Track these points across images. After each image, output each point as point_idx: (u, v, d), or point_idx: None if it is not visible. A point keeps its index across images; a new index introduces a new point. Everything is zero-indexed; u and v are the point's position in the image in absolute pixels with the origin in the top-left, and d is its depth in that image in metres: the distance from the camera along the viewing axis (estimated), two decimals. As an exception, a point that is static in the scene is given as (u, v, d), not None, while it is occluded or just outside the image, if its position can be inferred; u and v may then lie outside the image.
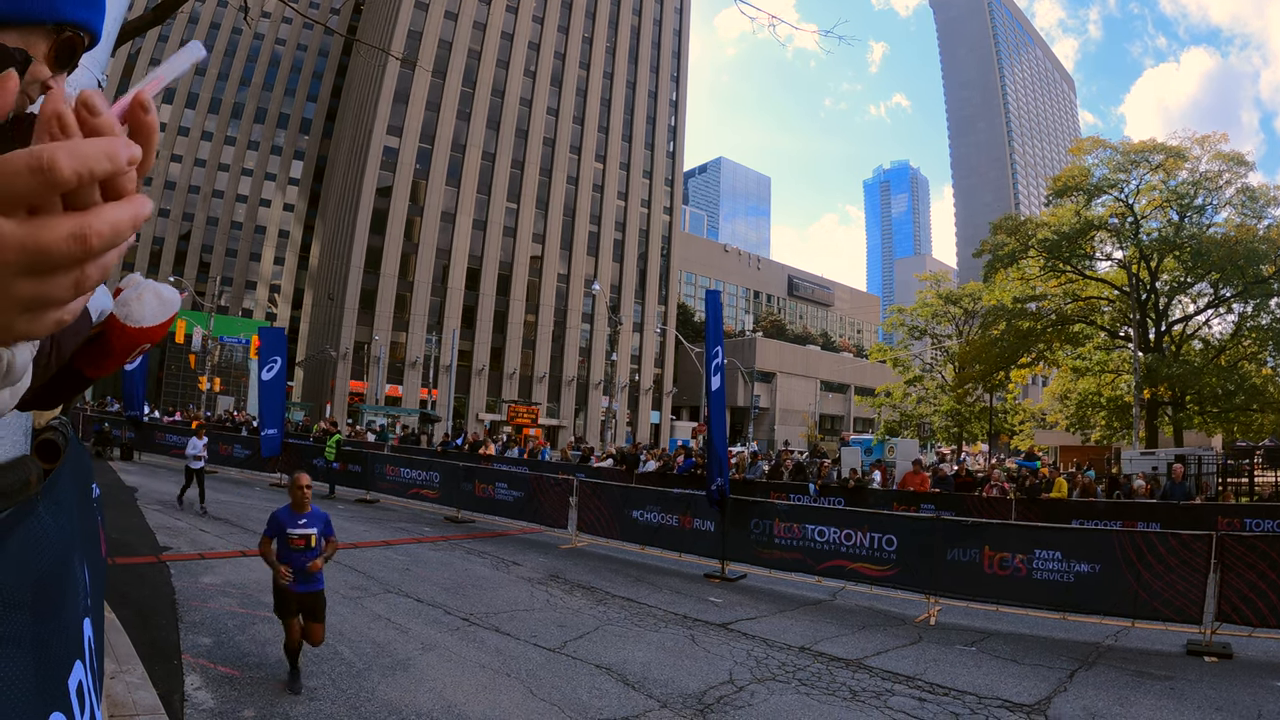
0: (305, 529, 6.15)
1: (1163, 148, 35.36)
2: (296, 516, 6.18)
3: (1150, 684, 7.54)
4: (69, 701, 1.01)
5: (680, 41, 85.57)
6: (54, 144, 0.49)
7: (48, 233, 0.48)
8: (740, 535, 12.53)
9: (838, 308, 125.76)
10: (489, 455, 26.29)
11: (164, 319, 1.15)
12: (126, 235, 0.53)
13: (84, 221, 0.49)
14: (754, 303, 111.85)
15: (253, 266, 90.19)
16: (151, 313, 1.11)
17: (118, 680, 5.50)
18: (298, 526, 6.14)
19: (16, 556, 0.91)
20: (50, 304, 0.51)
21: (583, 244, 75.08)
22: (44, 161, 0.47)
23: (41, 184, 0.47)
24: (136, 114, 0.57)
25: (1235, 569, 8.83)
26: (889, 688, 7.10)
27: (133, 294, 1.10)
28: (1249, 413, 33.37)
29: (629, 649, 7.88)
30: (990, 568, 10.17)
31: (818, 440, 70.72)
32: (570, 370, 73.16)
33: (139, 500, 15.76)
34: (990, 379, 40.77)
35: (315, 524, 6.23)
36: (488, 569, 11.65)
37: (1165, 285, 36.36)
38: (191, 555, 10.86)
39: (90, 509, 1.83)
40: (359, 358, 63.28)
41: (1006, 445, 52.90)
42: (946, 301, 52.11)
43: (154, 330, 1.15)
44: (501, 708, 6.06)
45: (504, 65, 71.80)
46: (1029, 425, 49.04)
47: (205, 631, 7.39)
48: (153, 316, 1.11)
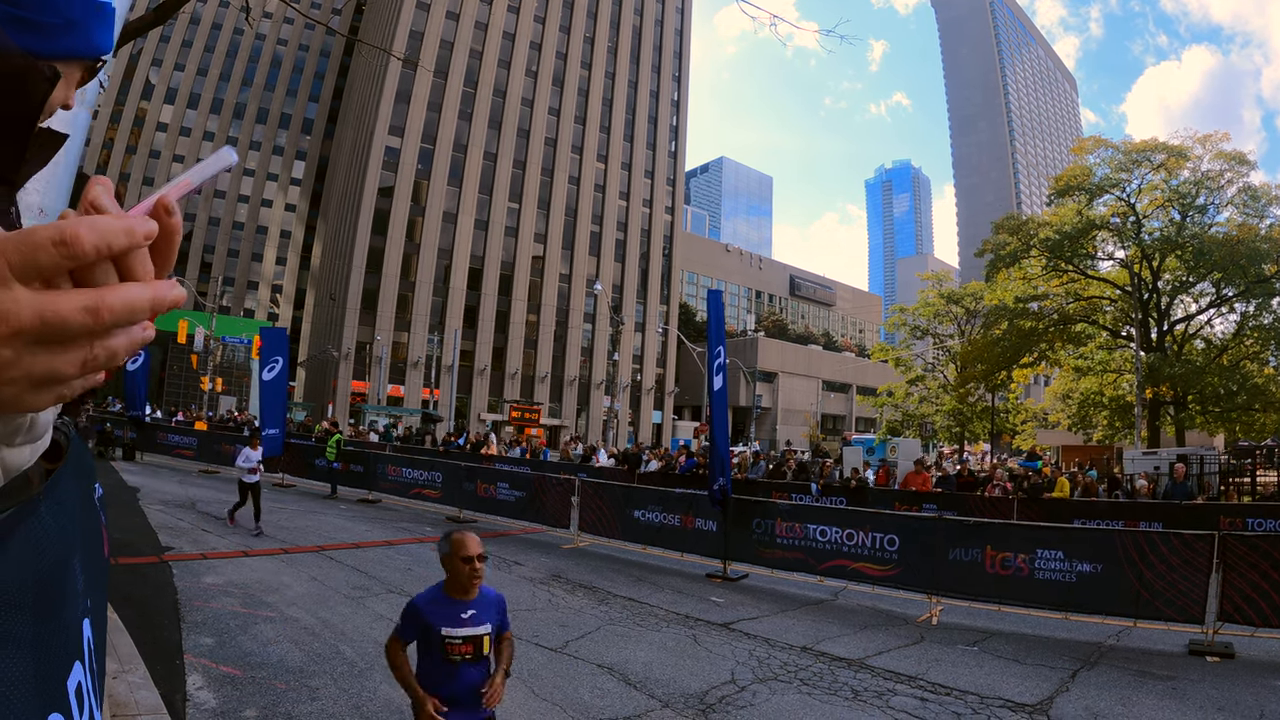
0: (473, 627, 3.63)
1: (1164, 147, 35.33)
2: (457, 606, 3.64)
3: (1152, 684, 7.53)
4: (68, 702, 1.01)
5: (681, 41, 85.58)
6: (76, 219, 0.50)
7: (63, 302, 0.49)
8: (742, 535, 12.52)
9: (840, 307, 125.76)
10: (491, 455, 26.30)
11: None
12: (142, 315, 0.53)
13: (98, 295, 0.50)
14: (756, 302, 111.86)
15: (255, 267, 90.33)
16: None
17: (120, 680, 5.51)
18: (460, 623, 3.60)
19: (17, 557, 0.91)
20: (57, 380, 0.51)
21: (584, 244, 75.08)
22: (67, 235, 0.48)
23: (64, 256, 0.48)
24: (160, 216, 0.58)
25: (1237, 569, 8.82)
26: (891, 688, 7.10)
27: None
28: (1251, 412, 33.34)
29: (631, 649, 7.88)
30: (992, 567, 10.16)
31: (820, 440, 70.73)
32: (572, 370, 73.16)
33: (141, 500, 15.78)
34: (992, 379, 40.77)
35: (487, 615, 3.71)
36: (489, 569, 11.63)
37: (1167, 285, 36.34)
38: (194, 555, 10.86)
39: (93, 509, 1.83)
40: (361, 358, 63.31)
41: (1008, 445, 52.87)
42: (948, 301, 52.06)
43: None
44: (503, 707, 6.05)
45: (506, 65, 71.82)
46: (1031, 425, 49.01)
47: (207, 631, 7.39)
48: None
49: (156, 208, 0.58)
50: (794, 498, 18.73)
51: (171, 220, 0.58)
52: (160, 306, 0.55)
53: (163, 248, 0.58)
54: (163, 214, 0.58)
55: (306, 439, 27.93)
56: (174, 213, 0.59)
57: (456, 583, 3.66)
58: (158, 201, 0.58)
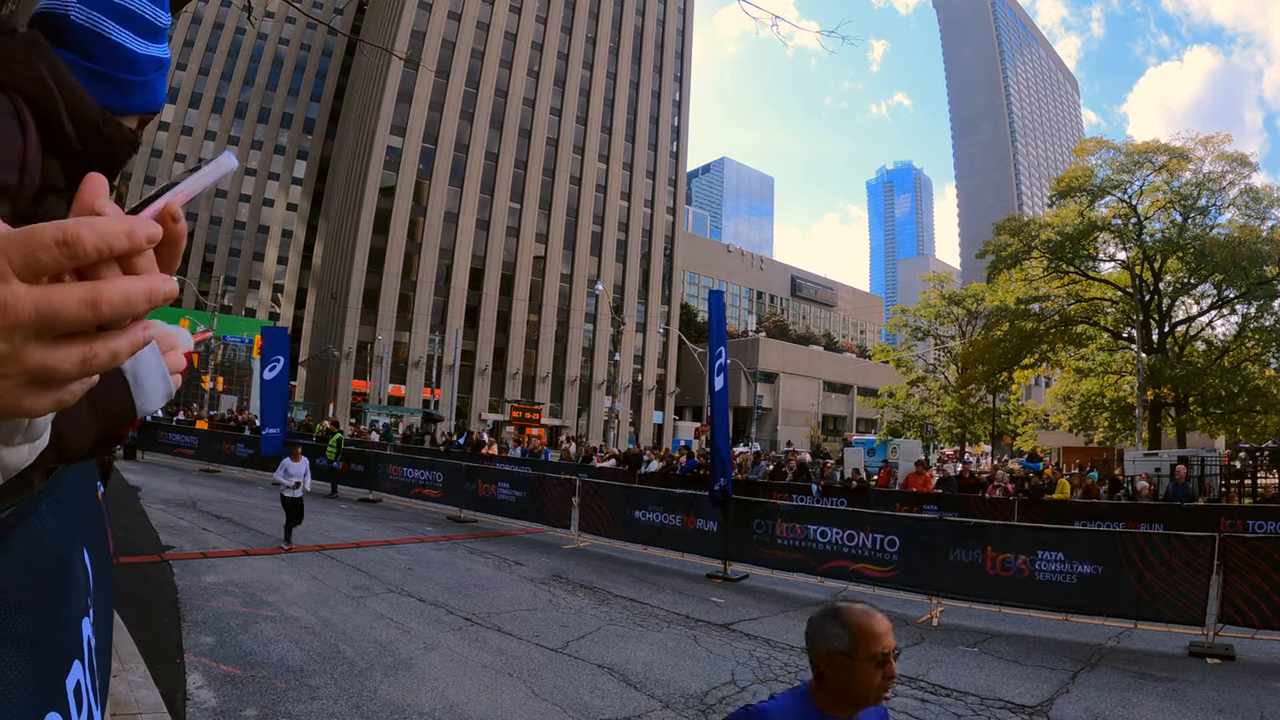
0: None
1: (1166, 148, 35.36)
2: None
3: (1153, 685, 7.52)
4: (66, 702, 1.01)
5: (683, 41, 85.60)
6: (78, 219, 0.50)
7: (61, 295, 0.49)
8: (743, 535, 12.52)
9: (841, 308, 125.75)
10: (492, 455, 26.30)
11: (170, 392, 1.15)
12: (139, 307, 0.53)
13: (96, 287, 0.50)
14: (757, 303, 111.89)
15: (256, 266, 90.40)
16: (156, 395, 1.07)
17: (120, 678, 5.51)
18: None
19: (17, 556, 0.91)
20: (56, 378, 0.51)
21: (586, 244, 75.10)
22: (69, 235, 0.49)
23: (66, 256, 0.49)
24: (166, 223, 0.58)
25: (1238, 571, 8.82)
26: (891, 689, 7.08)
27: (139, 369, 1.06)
28: (1252, 414, 33.35)
29: (631, 649, 7.88)
30: (993, 569, 10.15)
31: (820, 441, 70.76)
32: (573, 370, 73.17)
33: (142, 499, 15.78)
34: (993, 380, 40.79)
35: None
36: (490, 569, 11.66)
37: (1168, 286, 36.36)
38: (194, 554, 10.86)
39: (95, 507, 1.84)
40: (362, 357, 63.35)
41: (1009, 446, 52.88)
42: (950, 302, 52.10)
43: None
44: (503, 707, 6.06)
45: (507, 65, 71.85)
46: (1032, 426, 49.03)
47: (208, 630, 7.39)
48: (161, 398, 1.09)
49: (162, 214, 0.58)
50: (795, 498, 18.73)
51: (177, 226, 0.59)
52: (155, 300, 0.55)
53: (168, 253, 0.58)
54: (168, 220, 0.58)
55: (308, 438, 27.94)
56: (179, 219, 0.59)
57: (848, 693, 2.00)
58: (164, 208, 0.59)
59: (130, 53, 1.27)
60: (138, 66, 1.29)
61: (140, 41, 1.29)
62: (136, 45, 1.28)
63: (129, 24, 1.26)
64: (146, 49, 1.30)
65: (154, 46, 1.32)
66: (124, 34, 1.26)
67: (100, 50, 1.23)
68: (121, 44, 1.25)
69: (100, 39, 1.23)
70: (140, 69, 1.30)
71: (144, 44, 1.29)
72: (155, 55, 1.32)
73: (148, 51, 1.30)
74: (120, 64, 1.27)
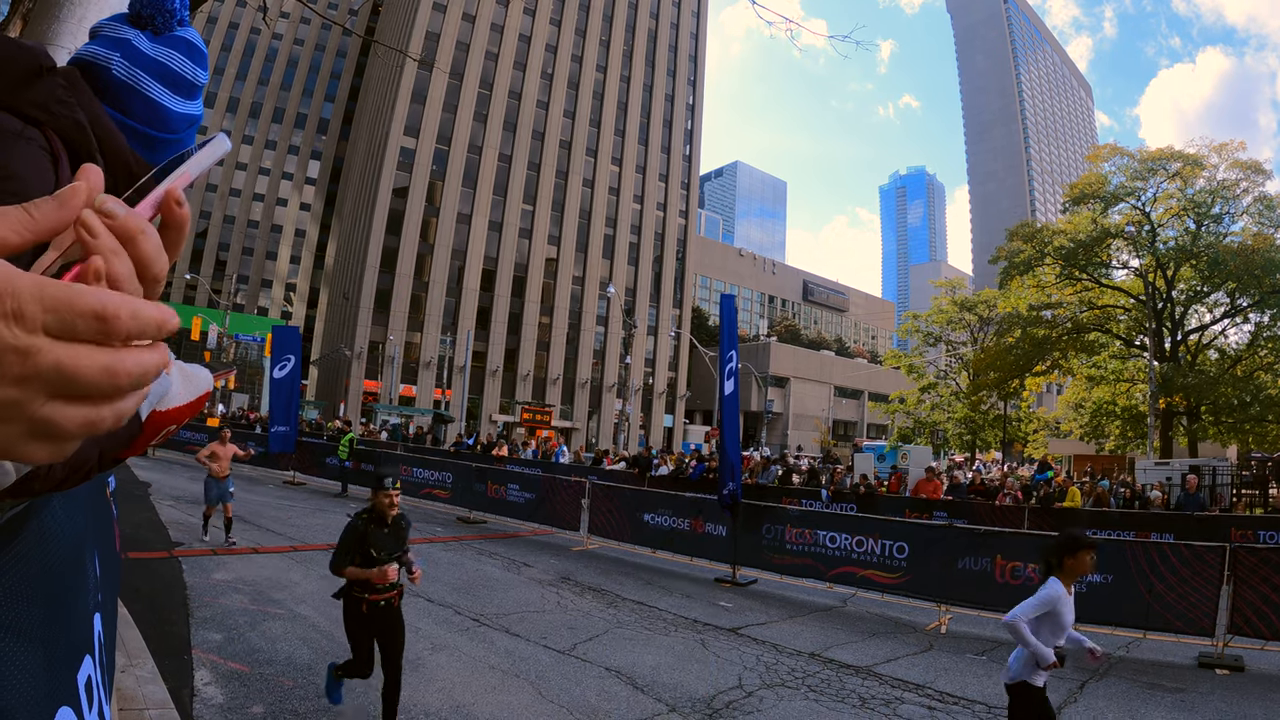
0: None
1: (1180, 155, 35.19)
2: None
3: (1161, 696, 7.48)
4: (77, 696, 1.02)
5: (697, 45, 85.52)
6: (119, 299, 0.50)
7: (86, 360, 0.49)
8: (752, 540, 12.51)
9: (852, 313, 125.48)
10: (502, 456, 26.31)
11: (192, 399, 1.17)
12: (149, 381, 0.54)
13: (118, 357, 0.51)
14: (768, 307, 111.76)
15: (269, 265, 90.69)
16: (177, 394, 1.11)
17: (128, 674, 5.54)
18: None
19: (28, 550, 0.92)
20: (58, 435, 0.51)
21: (598, 247, 75.09)
22: (109, 312, 0.49)
23: (98, 332, 0.49)
24: (171, 208, 0.59)
25: (1248, 581, 8.76)
26: (898, 695, 7.07)
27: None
28: (1264, 424, 33.16)
29: (639, 652, 7.88)
30: (1002, 577, 10.11)
31: (831, 446, 70.58)
32: (584, 373, 73.15)
33: (153, 495, 15.86)
34: (1005, 386, 40.65)
35: None
36: (499, 570, 11.67)
37: (1182, 294, 36.16)
38: (204, 551, 10.92)
39: (105, 503, 1.85)
40: (373, 357, 63.48)
41: (1020, 453, 52.67)
42: (962, 308, 51.97)
43: (181, 411, 1.16)
44: (510, 709, 6.07)
45: (521, 68, 71.95)
46: (1043, 434, 48.81)
47: (216, 627, 7.43)
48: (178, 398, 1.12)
49: (167, 199, 0.59)
50: (804, 504, 18.69)
51: (180, 211, 0.59)
52: (158, 372, 0.54)
53: (173, 237, 0.59)
54: (172, 205, 0.59)
55: (318, 437, 28.02)
56: (183, 204, 0.60)
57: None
58: (168, 193, 0.59)
59: (166, 110, 1.28)
60: (171, 124, 1.30)
61: (177, 100, 1.30)
62: (173, 104, 1.29)
63: (169, 84, 1.27)
64: (183, 107, 1.31)
65: (190, 104, 1.33)
66: (163, 93, 1.26)
67: (137, 107, 1.24)
68: (159, 102, 1.26)
69: (139, 96, 1.24)
70: (173, 127, 1.30)
71: (181, 102, 1.30)
72: (190, 113, 1.33)
73: (184, 110, 1.31)
74: (155, 122, 1.27)
